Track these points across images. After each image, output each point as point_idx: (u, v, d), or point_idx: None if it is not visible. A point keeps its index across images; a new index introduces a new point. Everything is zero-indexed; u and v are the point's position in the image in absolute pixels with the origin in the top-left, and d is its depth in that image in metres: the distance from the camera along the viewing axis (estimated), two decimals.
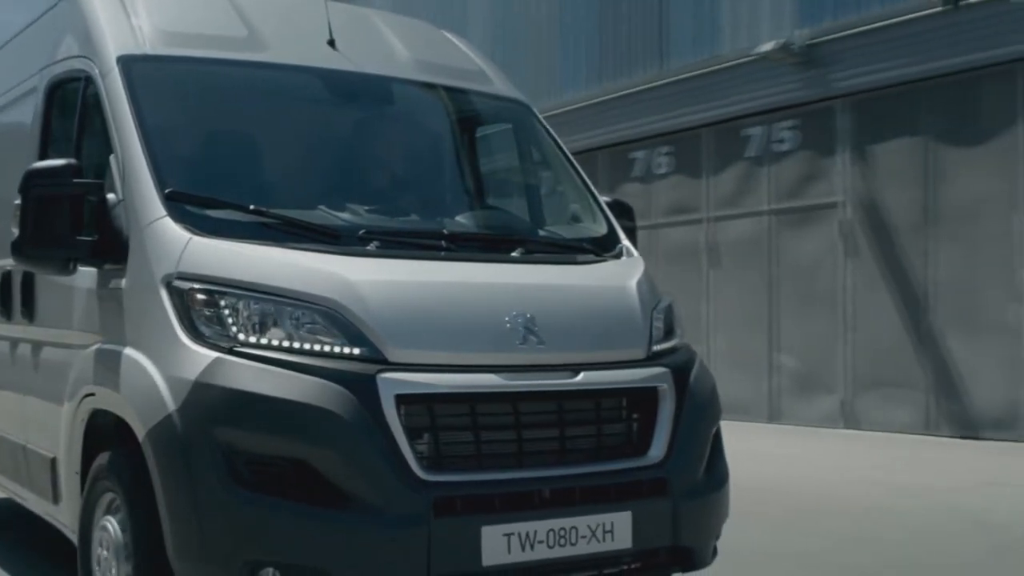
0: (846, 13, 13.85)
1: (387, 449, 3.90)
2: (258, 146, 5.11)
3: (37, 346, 5.46)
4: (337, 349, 4.03)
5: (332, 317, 4.07)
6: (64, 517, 5.07)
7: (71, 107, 5.24)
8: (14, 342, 5.77)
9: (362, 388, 3.92)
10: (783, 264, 14.69)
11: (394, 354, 4.05)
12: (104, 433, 4.58)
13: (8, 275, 5.67)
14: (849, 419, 13.67)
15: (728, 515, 4.85)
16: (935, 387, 12.92)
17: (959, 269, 12.67)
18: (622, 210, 5.60)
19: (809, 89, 14.24)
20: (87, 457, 4.69)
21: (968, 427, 12.56)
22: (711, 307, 15.49)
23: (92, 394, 4.61)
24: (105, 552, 4.42)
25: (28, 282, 5.43)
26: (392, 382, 3.98)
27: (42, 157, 5.29)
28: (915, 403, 13.09)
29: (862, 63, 13.56)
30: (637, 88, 16.53)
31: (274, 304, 4.09)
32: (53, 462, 5.06)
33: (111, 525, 4.37)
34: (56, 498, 5.09)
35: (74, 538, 4.86)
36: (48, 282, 5.18)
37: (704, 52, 15.81)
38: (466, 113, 5.93)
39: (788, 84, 14.45)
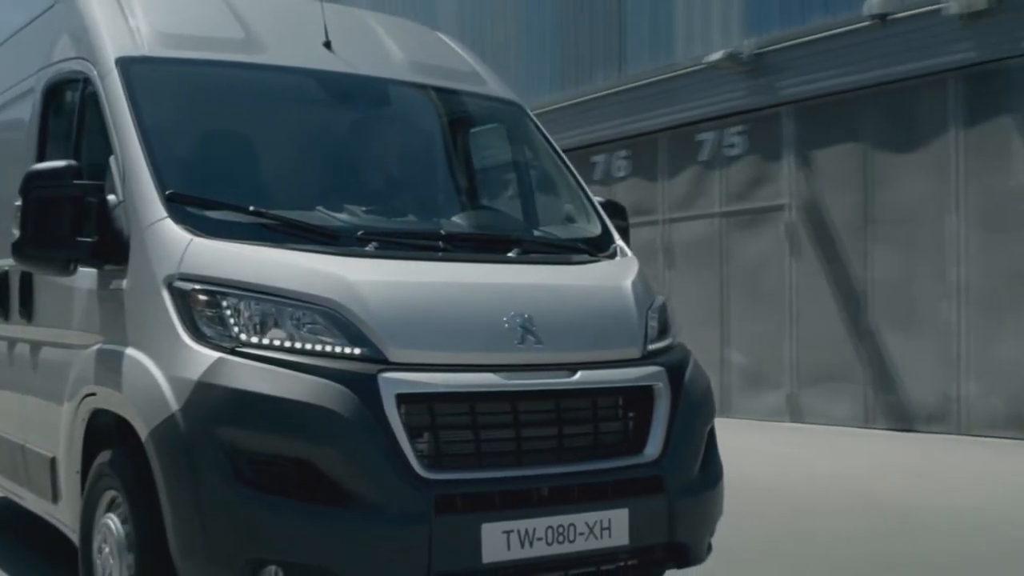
0: (791, 24, 14.46)
1: (388, 448, 3.93)
2: (256, 148, 5.12)
3: (36, 346, 5.46)
4: (338, 349, 4.06)
5: (333, 317, 4.09)
6: (64, 516, 5.08)
7: (69, 108, 5.25)
8: (12, 342, 5.77)
9: (364, 388, 3.96)
10: (733, 264, 15.30)
11: (394, 354, 4.08)
12: (104, 433, 4.60)
13: (5, 275, 5.68)
14: (794, 413, 14.29)
15: (723, 512, 4.90)
16: (873, 382, 13.54)
17: (895, 269, 13.32)
18: (615, 210, 5.65)
19: (756, 96, 14.84)
20: (87, 456, 4.70)
21: (903, 420, 13.18)
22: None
23: (93, 394, 4.62)
24: (107, 549, 4.44)
25: (26, 282, 5.44)
26: (393, 382, 4.01)
27: (40, 158, 5.31)
28: (854, 397, 13.71)
29: (805, 72, 14.15)
30: (598, 94, 17.10)
31: (275, 305, 4.11)
32: (53, 461, 5.07)
33: (113, 522, 4.39)
34: (56, 497, 5.10)
35: (74, 536, 4.89)
36: (47, 282, 5.19)
37: (660, 60, 16.41)
38: (461, 114, 5.97)
39: (737, 91, 15.06)
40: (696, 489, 4.62)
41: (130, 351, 4.34)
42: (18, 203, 4.50)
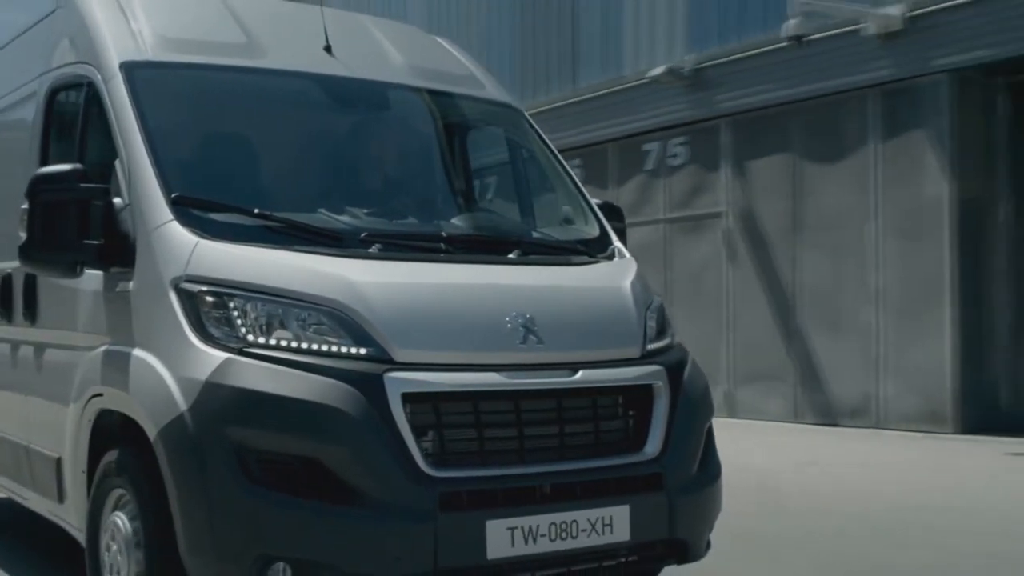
0: (728, 41, 15.30)
1: (395, 446, 3.97)
2: (260, 151, 5.15)
3: (40, 348, 5.45)
4: (344, 349, 4.09)
5: (338, 318, 4.13)
6: (69, 515, 5.09)
7: (73, 112, 5.25)
8: (15, 344, 5.77)
9: (370, 387, 4.00)
10: (676, 269, 16.15)
11: (399, 354, 4.12)
12: (108, 433, 4.62)
13: (9, 277, 5.68)
14: (731, 409, 15.06)
15: (721, 509, 4.94)
16: (801, 380, 14.40)
17: (822, 274, 14.17)
18: (612, 212, 5.70)
19: (697, 109, 15.70)
20: (92, 456, 4.71)
21: (829, 415, 14.00)
22: None
23: (100, 395, 4.63)
24: (115, 547, 4.47)
25: (30, 284, 5.44)
26: (399, 381, 4.05)
27: (44, 162, 5.32)
28: (785, 395, 14.56)
29: (741, 87, 15.01)
30: (552, 105, 17.75)
31: (281, 305, 4.14)
32: (58, 462, 5.08)
33: (121, 520, 4.41)
34: (61, 497, 5.11)
35: (79, 536, 4.91)
36: (52, 285, 5.20)
37: (610, 73, 17.26)
38: (459, 117, 6.02)
39: (679, 104, 15.95)
40: (695, 486, 4.67)
41: (137, 352, 4.37)
42: (24, 206, 4.52)
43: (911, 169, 13.09)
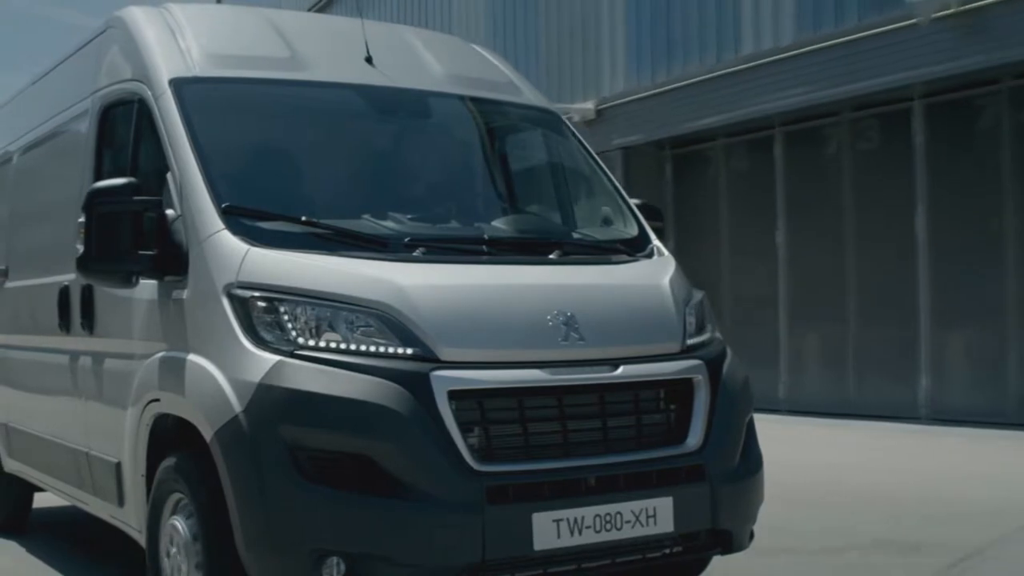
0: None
1: (442, 442, 4.09)
2: (305, 160, 5.31)
3: (98, 357, 5.60)
4: (391, 350, 4.22)
5: (385, 320, 4.25)
6: (129, 518, 5.22)
7: (124, 128, 5.41)
8: (74, 354, 5.91)
9: (417, 385, 4.12)
10: None
11: (445, 353, 4.24)
12: (166, 439, 4.76)
13: (67, 289, 5.85)
14: None
15: (763, 499, 5.01)
16: None
17: None
18: (651, 212, 5.77)
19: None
20: (151, 461, 4.85)
21: None
22: None
23: (157, 400, 4.77)
24: (174, 550, 4.60)
25: (87, 296, 5.59)
26: (445, 379, 4.17)
27: (98, 177, 5.46)
28: None
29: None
30: None
31: (330, 309, 4.27)
32: (118, 466, 5.21)
33: (180, 525, 4.54)
34: (121, 501, 5.25)
35: (139, 538, 5.05)
36: (108, 295, 5.35)
37: None
38: (499, 123, 6.12)
39: None
40: (737, 477, 4.75)
41: (192, 357, 4.50)
42: (81, 219, 4.68)
43: None
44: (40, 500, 7.87)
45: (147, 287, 4.91)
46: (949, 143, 13.67)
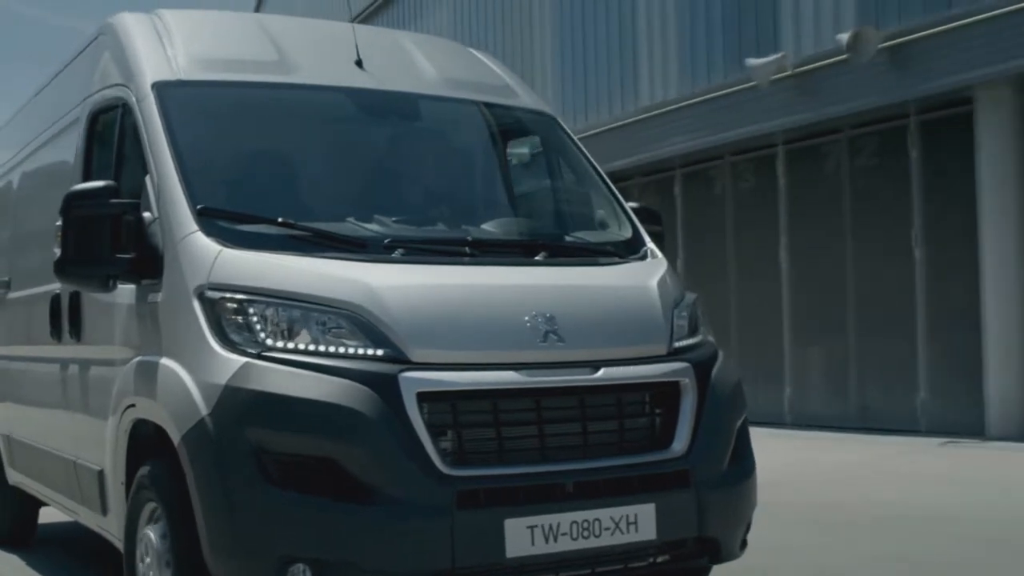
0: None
1: (410, 445, 3.99)
2: (287, 163, 5.23)
3: (84, 364, 5.58)
4: (361, 351, 4.13)
5: (356, 320, 4.17)
6: (112, 527, 5.16)
7: (111, 133, 5.40)
8: (64, 363, 5.90)
9: (385, 387, 4.03)
10: None
11: (416, 354, 4.14)
12: (147, 444, 4.69)
13: (57, 298, 5.81)
14: None
15: (755, 506, 4.86)
16: None
17: None
18: (649, 215, 5.67)
19: None
20: (130, 468, 4.78)
21: None
22: None
23: (133, 405, 4.72)
24: (148, 559, 4.53)
25: (75, 303, 5.57)
26: (414, 380, 4.08)
27: (86, 181, 5.40)
28: None
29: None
30: None
31: (300, 310, 4.20)
32: (100, 474, 5.17)
33: (152, 535, 4.47)
34: (104, 509, 5.20)
35: (122, 547, 4.93)
36: (92, 301, 5.33)
37: None
38: (491, 125, 6.01)
39: None
40: (725, 483, 4.61)
41: (164, 361, 4.45)
42: (59, 223, 4.64)
43: None
44: (45, 516, 7.84)
45: (126, 291, 4.87)
46: (803, 185, 15.67)
